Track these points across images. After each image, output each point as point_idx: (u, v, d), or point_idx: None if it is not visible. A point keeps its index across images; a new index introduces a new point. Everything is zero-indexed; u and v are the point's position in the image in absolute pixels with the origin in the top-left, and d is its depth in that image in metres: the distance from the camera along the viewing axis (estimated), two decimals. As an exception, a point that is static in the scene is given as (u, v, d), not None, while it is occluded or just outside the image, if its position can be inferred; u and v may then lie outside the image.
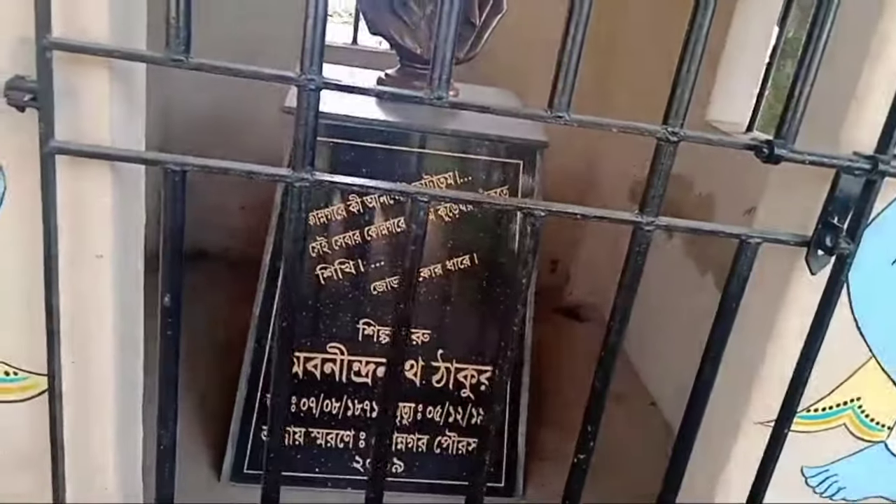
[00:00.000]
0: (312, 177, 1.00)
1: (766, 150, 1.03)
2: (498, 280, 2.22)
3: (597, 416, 1.21)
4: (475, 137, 2.09)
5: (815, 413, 1.35)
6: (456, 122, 2.10)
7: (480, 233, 2.18)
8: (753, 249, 1.10)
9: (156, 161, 0.98)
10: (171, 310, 1.05)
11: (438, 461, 2.31)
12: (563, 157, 2.68)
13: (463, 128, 2.07)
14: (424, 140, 2.12)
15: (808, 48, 1.01)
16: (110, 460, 1.22)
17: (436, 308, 2.22)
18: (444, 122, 2.12)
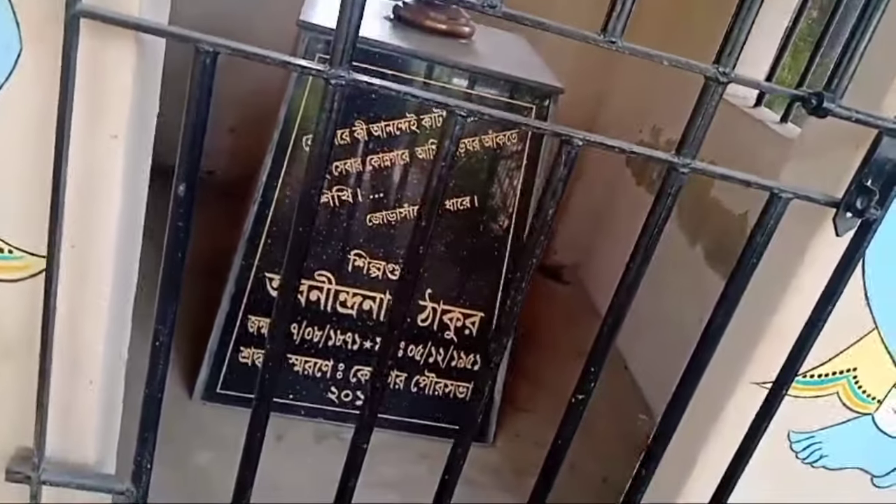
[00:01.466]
0: (349, 75, 0.96)
1: (814, 102, 1.00)
2: (495, 225, 2.19)
3: (601, 357, 1.20)
4: (494, 76, 2.04)
5: (812, 379, 1.36)
6: (474, 58, 2.05)
7: (483, 174, 2.15)
8: (784, 204, 1.08)
9: (189, 38, 0.92)
10: (185, 199, 1.00)
11: (414, 400, 2.31)
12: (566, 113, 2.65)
13: (482, 64, 2.02)
14: (438, 73, 2.06)
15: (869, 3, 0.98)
16: (99, 352, 1.17)
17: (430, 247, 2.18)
18: (461, 56, 2.07)
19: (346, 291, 2.16)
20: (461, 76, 2.08)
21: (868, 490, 1.52)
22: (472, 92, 2.11)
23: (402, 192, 2.13)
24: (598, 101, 3.45)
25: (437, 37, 2.18)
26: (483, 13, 0.94)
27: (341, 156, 2.04)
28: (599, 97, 3.44)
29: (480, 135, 2.07)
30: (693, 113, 1.02)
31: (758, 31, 2.77)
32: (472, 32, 2.25)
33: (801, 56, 3.58)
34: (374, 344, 2.23)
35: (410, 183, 2.12)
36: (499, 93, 2.10)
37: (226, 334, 2.15)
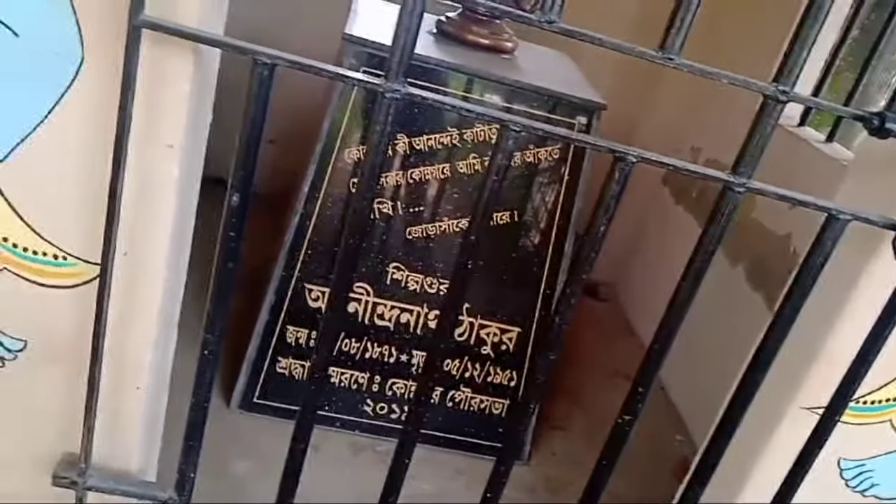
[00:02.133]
0: (404, 89, 0.96)
1: (876, 122, 0.98)
2: (534, 240, 2.18)
3: (648, 379, 1.18)
4: (535, 91, 2.04)
5: (864, 405, 1.32)
6: (517, 74, 2.05)
7: (524, 189, 2.14)
8: (842, 226, 1.06)
9: (248, 50, 0.93)
10: (238, 210, 1.01)
11: (449, 415, 2.30)
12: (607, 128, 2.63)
13: (525, 80, 2.02)
14: (482, 88, 2.07)
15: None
16: (147, 361, 1.18)
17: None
18: (504, 71, 2.07)
19: (384, 304, 2.16)
20: (503, 91, 2.08)
21: (919, 522, 1.47)
22: (514, 107, 2.10)
23: (442, 206, 2.13)
24: (637, 119, 3.42)
25: (480, 51, 2.18)
26: (541, 28, 0.94)
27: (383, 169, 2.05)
28: (639, 115, 3.42)
29: (521, 150, 2.06)
30: (750, 131, 1.01)
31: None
32: (515, 48, 2.25)
33: (840, 76, 3.52)
34: (411, 357, 2.22)
35: (450, 197, 2.12)
36: (543, 108, 2.09)
37: (264, 344, 2.16)
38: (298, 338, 2.16)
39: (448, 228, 2.12)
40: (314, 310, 2.12)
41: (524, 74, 2.04)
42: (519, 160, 2.08)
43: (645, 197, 3.45)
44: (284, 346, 2.17)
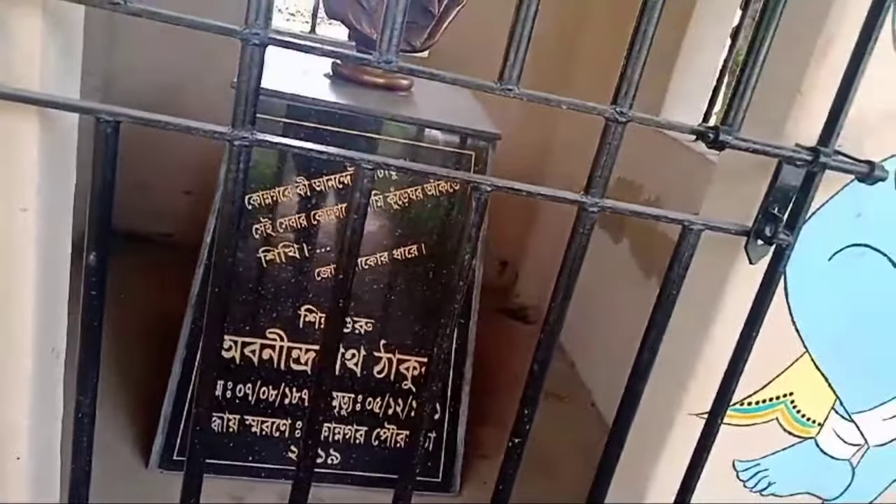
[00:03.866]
0: (252, 135, 0.97)
1: (711, 136, 1.03)
2: (444, 271, 2.20)
3: (533, 400, 1.20)
4: (428, 126, 2.08)
5: (749, 406, 1.36)
6: (410, 110, 2.09)
7: (429, 222, 2.17)
8: (696, 236, 1.10)
9: (88, 109, 0.93)
10: (96, 269, 1.00)
11: (376, 454, 2.29)
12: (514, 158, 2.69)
13: (417, 115, 2.06)
14: (378, 126, 2.10)
15: (757, 37, 1.02)
16: (24, 428, 1.15)
17: (380, 297, 2.19)
18: (398, 108, 2.10)
19: (299, 348, 2.15)
20: (402, 128, 2.11)
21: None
22: (414, 143, 2.14)
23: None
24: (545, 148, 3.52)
25: (376, 90, 2.22)
26: (380, 69, 0.97)
27: (285, 212, 2.06)
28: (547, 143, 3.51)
29: (422, 183, 2.09)
30: (597, 153, 1.05)
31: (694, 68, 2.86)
32: (411, 85, 2.30)
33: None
34: (332, 399, 2.21)
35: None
36: (438, 142, 2.13)
37: (179, 399, 2.13)
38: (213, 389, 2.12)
39: (358, 266, 2.12)
40: (227, 360, 2.10)
41: (418, 110, 2.08)
42: (421, 193, 2.11)
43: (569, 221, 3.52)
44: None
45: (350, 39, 2.49)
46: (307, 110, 2.01)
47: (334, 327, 1.15)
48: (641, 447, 1.40)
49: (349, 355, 2.17)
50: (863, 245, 1.27)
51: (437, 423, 2.27)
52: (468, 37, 2.68)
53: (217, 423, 2.16)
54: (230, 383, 2.14)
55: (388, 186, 2.08)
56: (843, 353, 1.35)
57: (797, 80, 1.19)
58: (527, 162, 3.42)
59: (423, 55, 2.87)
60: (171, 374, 2.12)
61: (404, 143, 2.12)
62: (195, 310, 2.07)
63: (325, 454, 2.23)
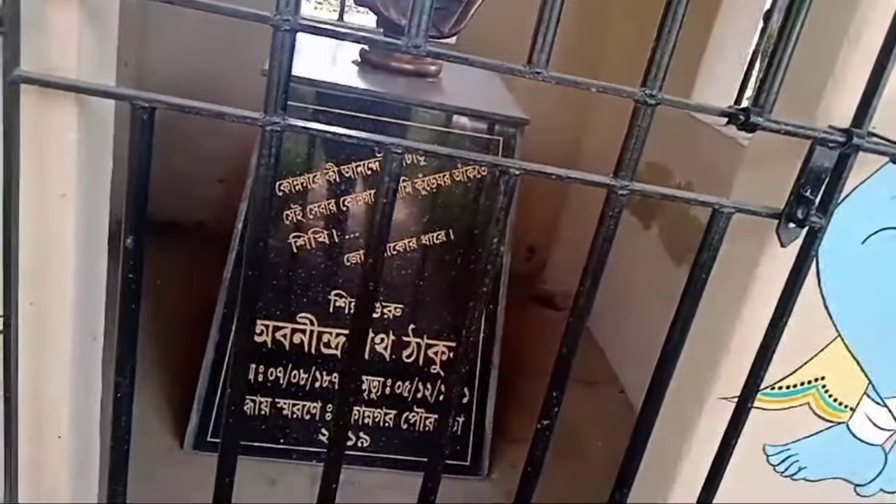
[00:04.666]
0: (284, 121, 0.98)
1: (742, 118, 1.02)
2: (473, 257, 2.21)
3: (562, 382, 1.21)
4: (456, 111, 2.08)
5: (780, 391, 1.36)
6: (438, 96, 2.09)
7: (457, 208, 2.17)
8: (726, 219, 1.09)
9: (123, 96, 0.95)
10: (134, 252, 1.02)
11: (405, 437, 2.31)
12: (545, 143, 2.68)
13: (445, 101, 2.06)
14: (406, 112, 2.11)
15: (789, 18, 1.01)
16: (66, 410, 1.19)
17: (409, 283, 2.21)
18: (426, 94, 2.11)
19: (329, 332, 2.18)
20: (430, 114, 2.12)
21: (853, 500, 1.50)
22: (443, 129, 2.14)
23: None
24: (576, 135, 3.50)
25: (404, 77, 2.22)
26: (410, 53, 0.97)
27: (315, 198, 2.08)
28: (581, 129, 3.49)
29: (450, 169, 2.10)
30: (626, 136, 1.04)
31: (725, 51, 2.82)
32: (439, 71, 2.30)
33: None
34: (361, 382, 2.24)
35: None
36: (467, 128, 2.13)
37: (213, 382, 2.17)
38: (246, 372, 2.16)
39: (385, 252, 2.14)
40: (259, 344, 2.13)
41: (445, 96, 2.08)
42: (449, 179, 2.12)
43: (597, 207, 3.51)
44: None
45: (378, 26, 2.50)
46: (336, 97, 2.02)
47: (364, 312, 1.16)
48: (671, 431, 1.40)
49: (378, 340, 2.19)
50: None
51: (465, 407, 2.29)
52: (496, 23, 2.67)
53: (249, 406, 2.20)
54: (262, 367, 2.17)
55: (417, 172, 2.09)
56: (877, 337, 1.34)
57: (830, 63, 1.17)
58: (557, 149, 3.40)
59: (451, 41, 2.87)
60: (205, 358, 2.16)
61: (432, 129, 2.12)
62: (227, 294, 2.11)
63: (354, 437, 2.26)
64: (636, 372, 3.02)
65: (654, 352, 1.28)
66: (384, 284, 2.15)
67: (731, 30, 2.77)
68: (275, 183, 1.03)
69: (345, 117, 2.05)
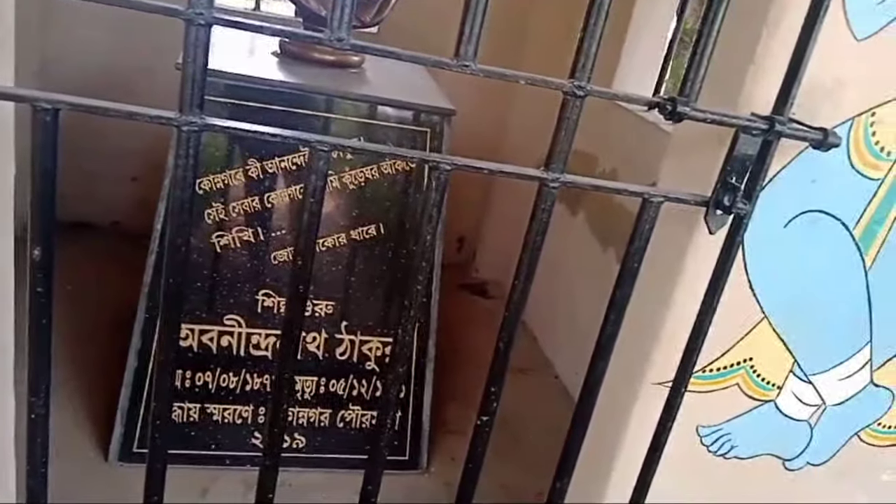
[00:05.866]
0: (202, 120, 0.93)
1: (669, 107, 1.03)
2: (403, 250, 2.18)
3: (499, 377, 1.19)
4: (381, 103, 2.04)
5: (711, 373, 1.38)
6: (362, 87, 2.05)
7: (386, 202, 2.14)
8: (656, 208, 1.10)
9: (23, 98, 0.88)
10: (41, 263, 0.95)
11: (342, 435, 2.28)
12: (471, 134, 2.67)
13: (370, 92, 2.02)
14: (329, 104, 2.05)
15: (710, 8, 1.02)
16: (-25, 432, 1.11)
17: (340, 279, 2.17)
18: (349, 86, 2.06)
19: (259, 333, 2.12)
20: (354, 106, 2.07)
21: (782, 474, 1.55)
22: (368, 120, 2.10)
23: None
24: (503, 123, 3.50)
25: (326, 68, 2.17)
26: (332, 48, 0.93)
27: (238, 196, 2.01)
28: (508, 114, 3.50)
29: (378, 162, 2.06)
30: (556, 128, 1.03)
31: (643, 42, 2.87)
32: (362, 61, 2.25)
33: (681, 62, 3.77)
34: (294, 383, 2.18)
35: (313, 217, 2.09)
36: (393, 119, 2.10)
37: (136, 391, 2.08)
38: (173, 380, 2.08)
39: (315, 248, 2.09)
40: (184, 349, 2.05)
41: (369, 87, 2.04)
42: (377, 173, 2.08)
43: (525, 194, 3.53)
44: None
45: (297, 16, 2.43)
46: (255, 91, 1.96)
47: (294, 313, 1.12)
48: (607, 419, 1.41)
49: (310, 339, 2.14)
50: (817, 211, 1.29)
51: (401, 401, 2.27)
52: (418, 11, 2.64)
53: (177, 412, 2.12)
54: (189, 372, 2.09)
55: (343, 166, 2.04)
56: (800, 317, 1.38)
57: (751, 51, 1.19)
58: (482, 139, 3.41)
59: (373, 31, 2.82)
60: (127, 366, 2.06)
61: (357, 121, 2.08)
62: (148, 299, 2.02)
63: (289, 439, 2.21)
64: (569, 356, 3.06)
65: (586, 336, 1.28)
66: (315, 281, 2.10)
67: (648, 19, 2.82)
68: (194, 185, 0.97)
69: (265, 111, 1.98)
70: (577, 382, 3.12)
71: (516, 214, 3.57)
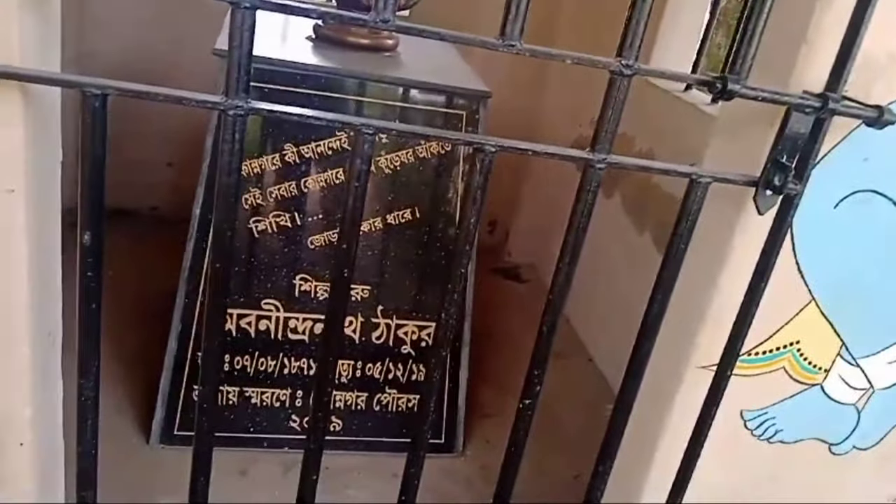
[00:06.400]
0: (247, 104, 0.93)
1: (719, 86, 1.00)
2: (439, 234, 2.18)
3: (542, 361, 1.19)
4: (417, 86, 2.03)
5: (756, 356, 1.36)
6: (398, 70, 2.04)
7: (422, 186, 2.13)
8: (704, 189, 1.08)
9: (73, 83, 0.89)
10: (91, 249, 0.96)
11: (378, 419, 2.29)
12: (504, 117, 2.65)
13: (406, 76, 2.01)
14: (365, 88, 2.05)
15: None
16: (26, 414, 1.13)
17: (375, 263, 2.17)
18: (385, 70, 2.05)
19: (296, 317, 2.13)
20: (389, 89, 2.07)
21: (828, 459, 1.53)
22: (402, 104, 2.09)
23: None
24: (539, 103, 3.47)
25: (361, 52, 2.16)
26: (377, 28, 0.93)
27: (274, 181, 2.01)
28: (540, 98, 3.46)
29: (414, 146, 2.05)
30: (603, 108, 1.02)
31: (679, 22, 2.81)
32: (396, 44, 2.24)
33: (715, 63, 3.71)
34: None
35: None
36: (428, 102, 2.09)
37: (177, 374, 2.10)
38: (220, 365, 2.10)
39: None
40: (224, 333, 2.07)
41: (404, 70, 2.03)
42: (412, 156, 2.07)
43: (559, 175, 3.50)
44: (198, 374, 2.11)
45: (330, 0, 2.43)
46: (291, 75, 1.95)
47: (338, 297, 1.12)
48: (650, 403, 1.40)
49: (347, 323, 2.15)
50: (869, 191, 1.25)
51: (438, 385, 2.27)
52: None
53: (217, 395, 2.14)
54: (228, 356, 2.11)
55: (379, 151, 2.04)
56: (849, 299, 1.35)
57: (803, 27, 1.16)
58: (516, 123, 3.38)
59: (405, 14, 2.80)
60: (167, 349, 2.09)
61: (392, 104, 2.07)
62: (188, 283, 2.04)
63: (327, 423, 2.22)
64: (604, 340, 3.04)
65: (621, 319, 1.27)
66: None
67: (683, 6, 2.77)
68: (240, 169, 0.98)
69: (301, 96, 1.98)
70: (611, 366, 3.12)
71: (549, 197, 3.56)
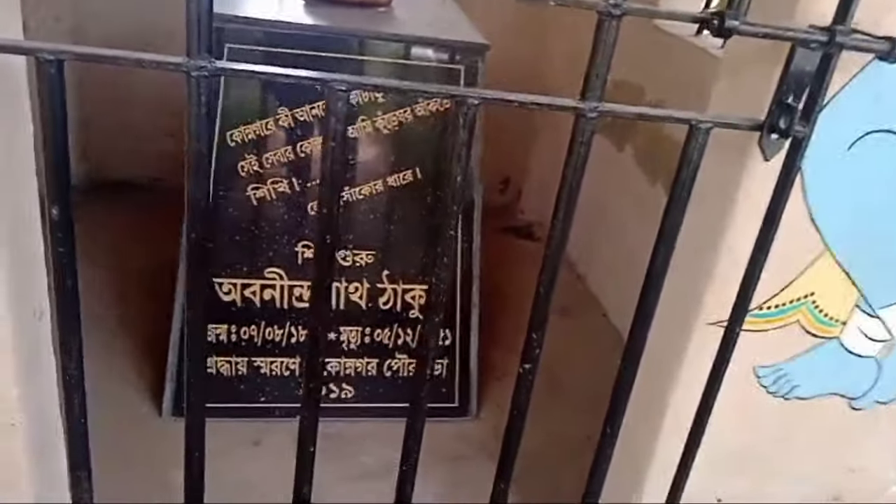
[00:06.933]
0: (211, 64, 0.88)
1: (716, 23, 0.93)
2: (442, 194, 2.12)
3: (541, 323, 1.14)
4: (413, 41, 1.96)
5: (769, 311, 1.30)
6: (393, 26, 1.97)
7: (422, 145, 2.07)
8: (705, 134, 1.01)
9: (24, 49, 0.84)
10: (60, 223, 0.93)
11: (389, 384, 2.26)
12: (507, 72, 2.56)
13: (402, 31, 1.94)
14: (360, 46, 1.98)
15: None
16: (13, 394, 1.11)
17: (378, 227, 2.12)
18: (380, 26, 1.98)
19: (301, 285, 2.10)
20: (385, 46, 2.00)
21: (848, 414, 1.47)
22: (400, 61, 2.02)
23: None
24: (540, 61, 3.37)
25: (355, 8, 2.09)
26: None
27: (270, 146, 1.97)
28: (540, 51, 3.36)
29: (412, 104, 1.99)
30: (592, 53, 0.95)
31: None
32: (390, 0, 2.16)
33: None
34: (339, 334, 2.17)
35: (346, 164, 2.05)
36: (424, 57, 2.02)
37: (183, 346, 2.09)
38: (218, 334, 2.09)
39: (350, 197, 2.05)
40: (227, 303, 2.05)
41: (399, 25, 1.96)
42: (410, 115, 2.01)
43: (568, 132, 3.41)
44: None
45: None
46: (284, 36, 1.89)
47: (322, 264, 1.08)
48: (659, 361, 1.35)
49: (352, 289, 2.12)
50: (883, 131, 1.18)
51: (448, 348, 2.24)
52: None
53: (225, 367, 2.13)
54: (234, 326, 2.09)
55: (376, 110, 1.98)
56: (866, 246, 1.28)
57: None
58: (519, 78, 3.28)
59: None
60: (173, 321, 2.07)
61: (388, 62, 2.00)
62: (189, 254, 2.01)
63: (337, 389, 2.21)
64: (618, 295, 2.98)
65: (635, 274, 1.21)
66: (353, 231, 2.07)
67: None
68: (210, 135, 0.93)
69: (295, 57, 1.92)
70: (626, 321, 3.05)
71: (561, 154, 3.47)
